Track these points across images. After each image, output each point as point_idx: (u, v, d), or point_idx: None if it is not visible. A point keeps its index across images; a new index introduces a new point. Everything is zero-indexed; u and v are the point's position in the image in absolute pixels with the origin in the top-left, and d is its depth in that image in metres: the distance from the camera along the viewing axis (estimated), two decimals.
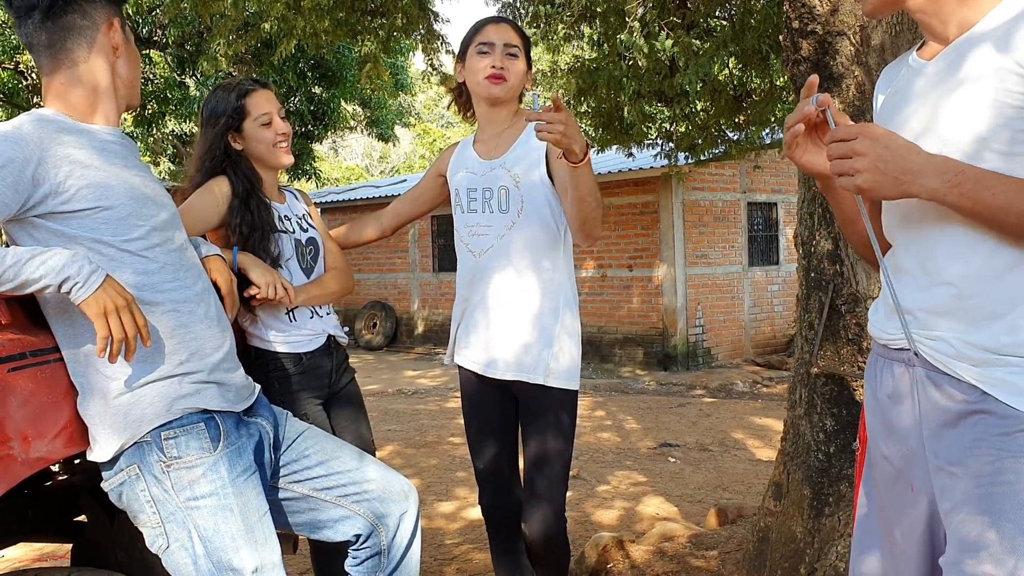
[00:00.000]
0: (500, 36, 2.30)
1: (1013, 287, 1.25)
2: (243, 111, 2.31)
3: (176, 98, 13.63)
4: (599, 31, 6.54)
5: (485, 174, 2.34)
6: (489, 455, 2.43)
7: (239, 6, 5.43)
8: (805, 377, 2.71)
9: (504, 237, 2.29)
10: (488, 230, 2.31)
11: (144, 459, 1.69)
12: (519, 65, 2.31)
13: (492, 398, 2.39)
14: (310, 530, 2.00)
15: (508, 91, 2.31)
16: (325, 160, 28.89)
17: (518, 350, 2.29)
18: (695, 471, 5.49)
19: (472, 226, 2.35)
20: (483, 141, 2.42)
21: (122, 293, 1.58)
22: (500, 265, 2.30)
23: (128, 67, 1.81)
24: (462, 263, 2.42)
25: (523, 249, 2.28)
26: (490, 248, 2.31)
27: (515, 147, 2.31)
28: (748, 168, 12.03)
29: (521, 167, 2.28)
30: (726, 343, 12.36)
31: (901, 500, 1.43)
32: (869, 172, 1.24)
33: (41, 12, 1.70)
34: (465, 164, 2.42)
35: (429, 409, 8.38)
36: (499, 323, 2.31)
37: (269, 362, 2.31)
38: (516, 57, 2.30)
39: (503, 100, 2.34)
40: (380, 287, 15.98)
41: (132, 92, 1.84)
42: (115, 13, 1.77)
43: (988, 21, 1.29)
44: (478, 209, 2.34)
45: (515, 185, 2.28)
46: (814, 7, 2.46)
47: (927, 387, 1.33)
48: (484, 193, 2.32)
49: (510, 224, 2.28)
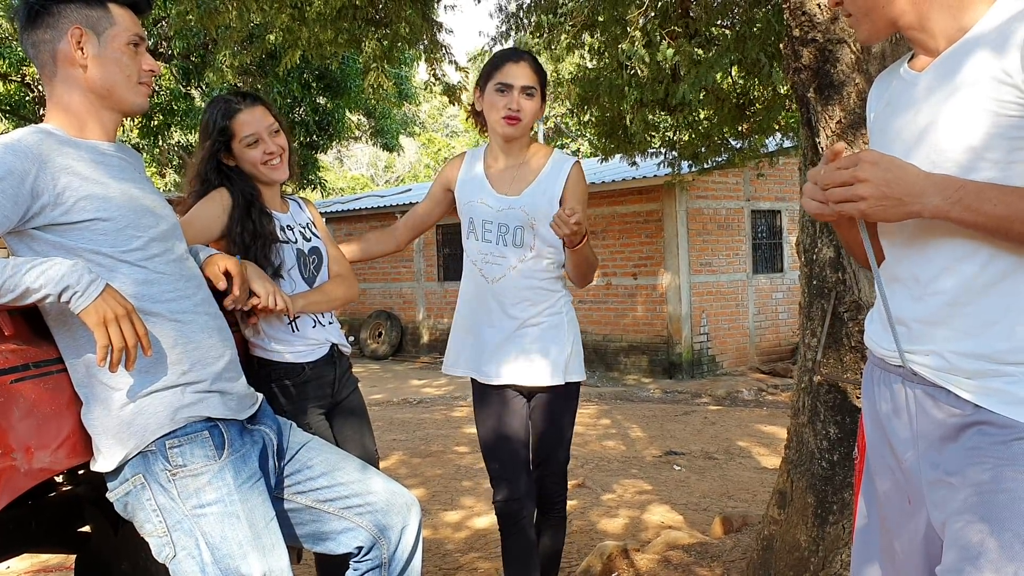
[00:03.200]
0: (518, 78, 2.45)
1: (1007, 294, 1.25)
2: (228, 132, 2.31)
3: (182, 109, 13.68)
4: (601, 40, 6.56)
5: (503, 210, 2.51)
6: (512, 455, 2.54)
7: (244, 18, 5.46)
8: (808, 385, 2.70)
9: (516, 268, 2.50)
10: (502, 260, 2.51)
11: (149, 468, 1.69)
12: (534, 104, 2.47)
13: (511, 403, 2.54)
14: (313, 542, 1.99)
15: (522, 130, 2.50)
16: (330, 170, 28.96)
17: (535, 364, 2.50)
18: (700, 479, 5.47)
19: (486, 254, 2.53)
20: (498, 170, 2.57)
21: (122, 302, 1.59)
22: (513, 292, 2.50)
23: (106, 72, 1.74)
24: (473, 284, 2.58)
25: (532, 277, 2.50)
26: (503, 276, 2.51)
27: (532, 190, 2.50)
28: (752, 176, 12.04)
29: (538, 212, 2.47)
30: (731, 351, 12.34)
31: (900, 512, 1.43)
32: (873, 197, 1.25)
33: (24, 26, 1.73)
34: (479, 192, 2.56)
35: (435, 418, 8.37)
36: (515, 342, 2.50)
37: (272, 372, 2.31)
38: (532, 97, 2.46)
39: (516, 139, 2.52)
40: (385, 296, 15.99)
41: (119, 97, 1.77)
42: (81, 20, 1.72)
43: (977, 31, 1.29)
44: (493, 240, 2.52)
45: (531, 227, 2.48)
46: (814, 15, 2.47)
47: (924, 402, 1.34)
48: (500, 228, 2.51)
49: (523, 257, 2.49)
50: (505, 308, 2.50)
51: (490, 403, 2.56)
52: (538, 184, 2.50)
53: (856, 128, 2.46)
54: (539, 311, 2.50)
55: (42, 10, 1.72)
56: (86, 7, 1.74)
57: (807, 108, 2.60)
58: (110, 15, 1.76)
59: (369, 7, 5.41)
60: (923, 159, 1.31)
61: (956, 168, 1.27)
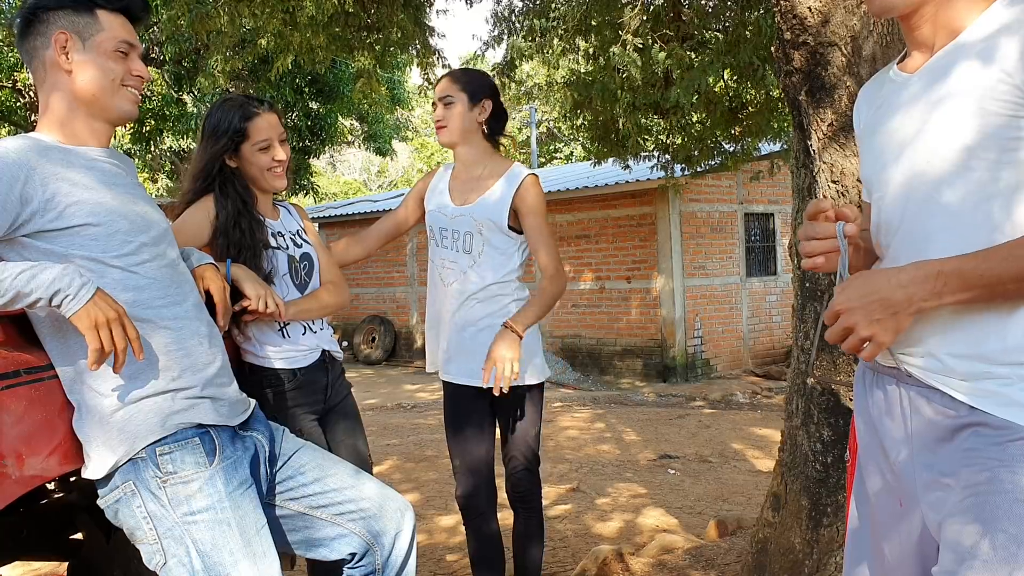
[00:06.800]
0: (439, 91, 2.69)
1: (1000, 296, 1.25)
2: (244, 134, 2.31)
3: (174, 115, 13.65)
4: (594, 44, 6.57)
5: (455, 217, 2.67)
6: (470, 451, 2.68)
7: (236, 23, 5.46)
8: (802, 388, 2.71)
9: (466, 274, 2.65)
10: (455, 266, 2.67)
11: (140, 475, 1.68)
12: (454, 110, 2.64)
13: (471, 401, 2.67)
14: (305, 548, 1.98)
15: (450, 135, 2.67)
16: (323, 175, 28.94)
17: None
18: (695, 483, 5.47)
19: (444, 260, 2.70)
20: (459, 180, 2.73)
21: (113, 305, 1.58)
22: (465, 295, 2.64)
23: (89, 77, 1.73)
24: (434, 289, 2.76)
25: (481, 282, 2.63)
26: (455, 281, 2.66)
27: (483, 198, 2.64)
28: (745, 179, 12.06)
29: (486, 218, 2.62)
30: (725, 354, 12.35)
31: (890, 514, 1.43)
32: (869, 327, 1.26)
33: (19, 35, 1.75)
34: (438, 202, 2.73)
35: (428, 423, 8.36)
36: (473, 343, 2.62)
37: (263, 378, 2.30)
38: (451, 104, 2.64)
39: (452, 143, 2.69)
40: (379, 301, 15.97)
41: (104, 104, 1.75)
42: (67, 26, 1.71)
43: (973, 31, 1.29)
44: (448, 247, 2.68)
45: (478, 231, 2.64)
46: (805, 18, 2.47)
47: (918, 403, 1.33)
48: (454, 234, 2.67)
49: (472, 263, 2.64)
50: (458, 310, 2.65)
51: (453, 400, 2.71)
52: (490, 193, 2.64)
53: (847, 131, 2.46)
54: (489, 313, 2.62)
55: (33, 18, 1.73)
56: (73, 13, 1.73)
57: (799, 111, 2.60)
58: (97, 21, 1.75)
59: (361, 12, 5.41)
60: (917, 159, 1.31)
61: (949, 167, 1.27)
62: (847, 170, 2.49)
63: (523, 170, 2.66)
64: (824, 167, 2.53)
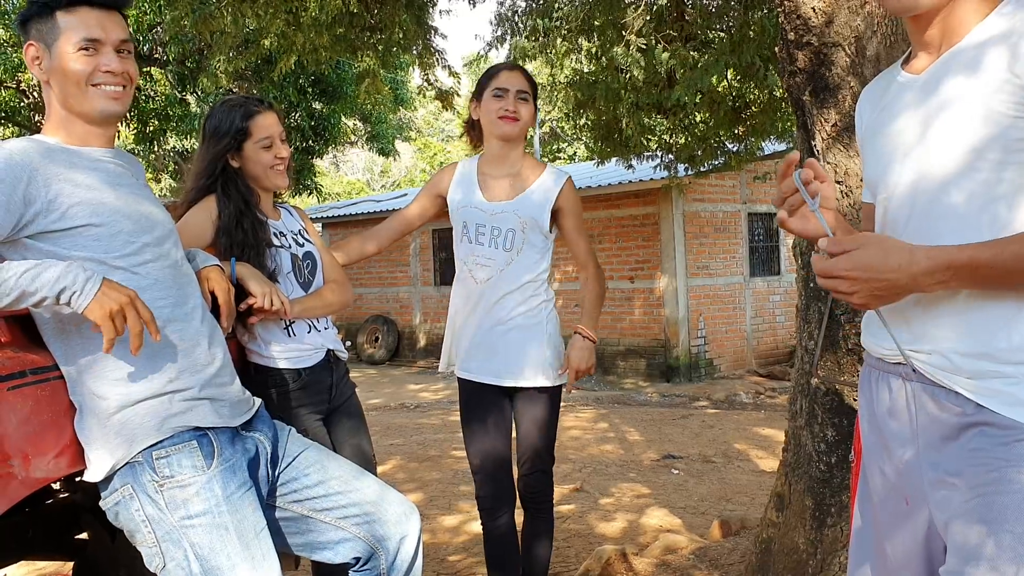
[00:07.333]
0: (513, 83, 2.63)
1: (1008, 294, 1.24)
2: (246, 132, 2.32)
3: (177, 115, 13.66)
4: (597, 44, 6.57)
5: (496, 214, 2.66)
6: (491, 452, 2.67)
7: (239, 23, 5.46)
8: (806, 388, 2.71)
9: (504, 271, 2.64)
10: (491, 262, 2.64)
11: (137, 479, 1.68)
12: (528, 109, 2.65)
13: (492, 401, 2.67)
14: (309, 551, 1.97)
15: (519, 130, 2.65)
16: (326, 175, 28.96)
17: (519, 363, 2.64)
18: (698, 483, 5.47)
19: (477, 256, 2.67)
20: (493, 178, 2.71)
21: (123, 291, 1.57)
22: (500, 293, 2.63)
23: (57, 84, 1.70)
24: (463, 286, 2.72)
25: (519, 279, 2.64)
26: (491, 278, 2.64)
27: (526, 196, 2.66)
28: (748, 179, 12.05)
29: (529, 215, 2.63)
30: (728, 354, 12.34)
31: (895, 514, 1.42)
32: (864, 299, 1.28)
33: None
34: (473, 198, 2.70)
35: (432, 423, 8.37)
36: (502, 341, 2.63)
37: (268, 378, 2.31)
38: (526, 101, 2.64)
39: (513, 138, 2.66)
40: (382, 301, 15.98)
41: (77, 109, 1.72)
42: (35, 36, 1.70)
43: (980, 33, 1.29)
44: (485, 243, 2.66)
45: (521, 229, 2.64)
46: (809, 19, 2.47)
47: (924, 400, 1.33)
48: (493, 231, 2.65)
49: (511, 260, 2.64)
50: (489, 308, 2.64)
51: (473, 400, 2.70)
52: (532, 192, 2.66)
53: (851, 131, 2.46)
54: (520, 312, 2.63)
55: (21, 29, 1.74)
56: (39, 21, 1.70)
57: (803, 111, 2.60)
58: (56, 25, 1.69)
59: (364, 12, 5.41)
60: (923, 160, 1.31)
61: (954, 168, 1.27)
62: (851, 170, 2.48)
63: (563, 172, 2.72)
64: (828, 167, 2.53)
